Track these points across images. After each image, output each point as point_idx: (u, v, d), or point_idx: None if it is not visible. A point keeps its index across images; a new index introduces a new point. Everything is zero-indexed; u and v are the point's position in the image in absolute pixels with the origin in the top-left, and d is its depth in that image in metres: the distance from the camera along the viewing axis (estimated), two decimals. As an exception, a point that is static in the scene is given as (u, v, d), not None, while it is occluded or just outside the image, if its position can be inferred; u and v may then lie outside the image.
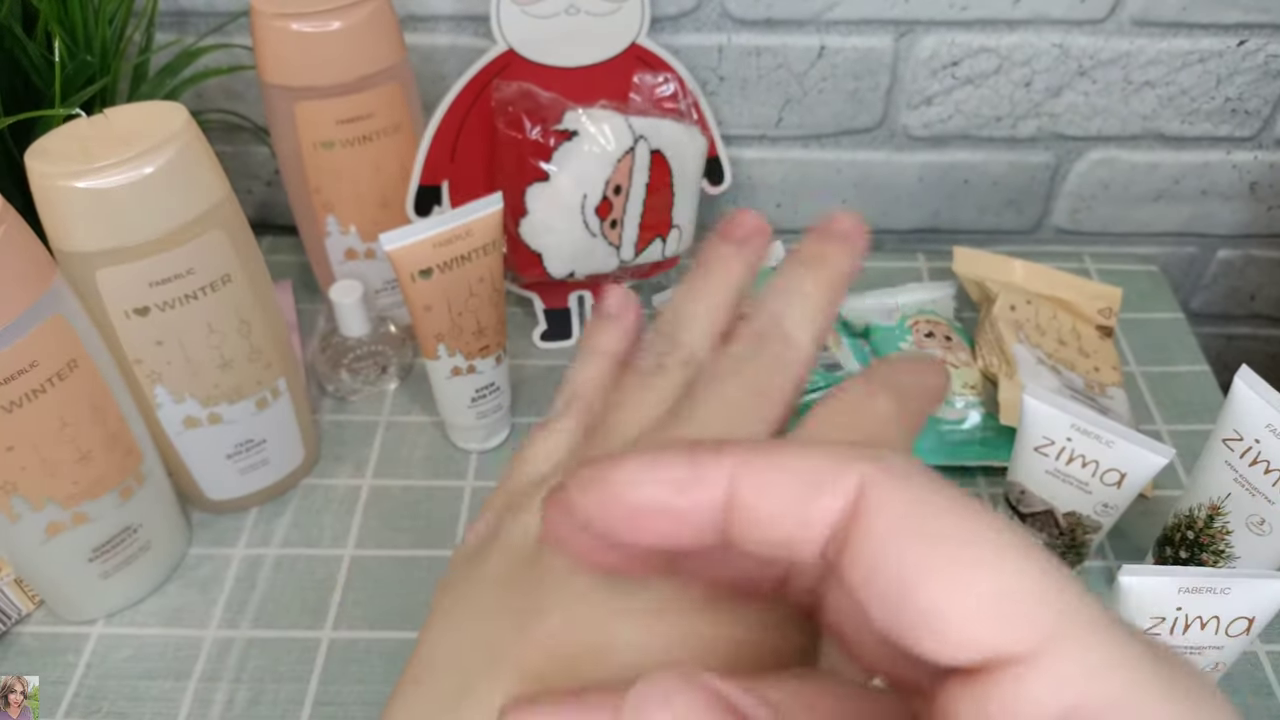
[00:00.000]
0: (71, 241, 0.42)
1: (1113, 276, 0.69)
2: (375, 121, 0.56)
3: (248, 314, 0.48)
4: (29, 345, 0.40)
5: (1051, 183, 0.72)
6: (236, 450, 0.52)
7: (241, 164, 0.73)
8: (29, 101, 0.54)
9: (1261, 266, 0.76)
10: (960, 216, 0.74)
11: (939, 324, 0.61)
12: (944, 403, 0.20)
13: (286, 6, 0.53)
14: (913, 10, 0.63)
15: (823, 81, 0.67)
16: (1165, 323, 0.66)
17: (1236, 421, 0.42)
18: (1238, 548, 0.44)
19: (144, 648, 0.49)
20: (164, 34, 0.65)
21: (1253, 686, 0.46)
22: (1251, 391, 0.42)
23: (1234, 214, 0.73)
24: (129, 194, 0.41)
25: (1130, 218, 0.74)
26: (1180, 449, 0.56)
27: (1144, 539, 0.52)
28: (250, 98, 0.69)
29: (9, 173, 0.52)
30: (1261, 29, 0.64)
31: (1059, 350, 0.59)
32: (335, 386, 0.61)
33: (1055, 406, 0.44)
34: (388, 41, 0.55)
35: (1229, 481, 0.43)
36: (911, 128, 0.69)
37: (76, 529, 0.46)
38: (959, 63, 0.66)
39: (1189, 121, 0.68)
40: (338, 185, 0.58)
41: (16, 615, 0.49)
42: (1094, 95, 0.67)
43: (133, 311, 0.45)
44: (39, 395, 0.42)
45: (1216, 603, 0.35)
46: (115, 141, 0.42)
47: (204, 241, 0.45)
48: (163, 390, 0.48)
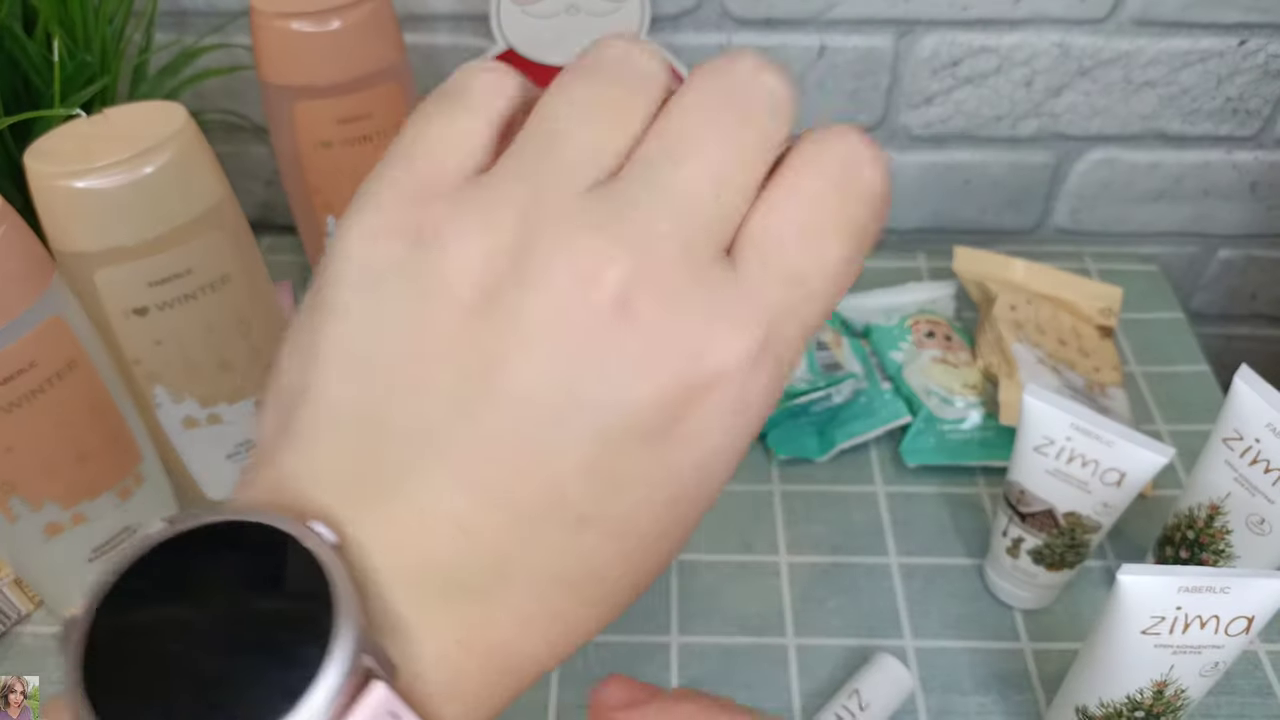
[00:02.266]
0: (70, 241, 0.42)
1: (1113, 276, 0.69)
2: (375, 121, 0.56)
3: (247, 314, 0.48)
4: (28, 345, 0.40)
5: (1052, 182, 0.72)
6: (236, 450, 0.52)
7: (241, 164, 0.73)
8: (29, 101, 0.53)
9: (1262, 266, 0.76)
10: (961, 216, 0.74)
11: (939, 324, 0.61)
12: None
13: (286, 6, 0.52)
14: (913, 10, 0.63)
15: (823, 81, 0.67)
16: (1165, 323, 0.66)
17: (1236, 421, 0.42)
18: (1238, 547, 0.44)
19: (143, 648, 0.49)
20: (164, 34, 0.65)
21: (1253, 686, 0.46)
22: (1251, 391, 0.42)
23: (1234, 214, 0.73)
24: (128, 194, 0.41)
25: (1131, 217, 0.74)
26: (1180, 449, 0.55)
27: (1144, 539, 0.52)
28: (250, 98, 0.69)
29: (8, 173, 0.52)
30: (1262, 29, 0.64)
31: (1059, 350, 0.59)
32: (335, 386, 0.61)
33: (1055, 406, 0.44)
34: (387, 41, 0.55)
35: (1229, 481, 0.43)
36: (912, 127, 0.69)
37: (76, 529, 0.46)
38: (959, 62, 0.66)
39: (1189, 121, 0.68)
40: (337, 185, 0.58)
41: (16, 615, 0.49)
42: (1094, 95, 0.67)
43: (132, 312, 0.45)
44: (38, 395, 0.42)
45: (1216, 602, 0.35)
46: (115, 141, 0.42)
47: (203, 242, 0.45)
48: (162, 390, 0.48)
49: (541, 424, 0.17)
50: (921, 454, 0.56)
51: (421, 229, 0.18)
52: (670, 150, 0.18)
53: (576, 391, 0.17)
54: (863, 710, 0.44)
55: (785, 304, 0.19)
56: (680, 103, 0.19)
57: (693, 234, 0.18)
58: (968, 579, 0.51)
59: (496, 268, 0.18)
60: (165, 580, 0.17)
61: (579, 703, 0.46)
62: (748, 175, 0.19)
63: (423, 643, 0.18)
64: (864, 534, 0.53)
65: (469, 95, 0.20)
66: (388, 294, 0.18)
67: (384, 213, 0.19)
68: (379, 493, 0.18)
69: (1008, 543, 0.48)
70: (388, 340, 0.18)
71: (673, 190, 0.18)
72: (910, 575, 0.51)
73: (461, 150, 0.19)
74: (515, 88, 0.20)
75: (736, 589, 0.51)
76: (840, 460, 0.57)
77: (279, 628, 0.16)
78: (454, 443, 0.18)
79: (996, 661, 0.48)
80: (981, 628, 0.49)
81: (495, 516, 0.18)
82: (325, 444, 0.18)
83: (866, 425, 0.57)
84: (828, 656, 0.48)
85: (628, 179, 0.18)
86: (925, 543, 0.53)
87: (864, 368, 0.59)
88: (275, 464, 0.19)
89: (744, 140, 0.18)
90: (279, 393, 0.20)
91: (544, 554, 0.18)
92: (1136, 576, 0.35)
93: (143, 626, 0.17)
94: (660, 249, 0.17)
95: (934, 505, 0.55)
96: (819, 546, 0.53)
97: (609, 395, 0.17)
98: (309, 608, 0.16)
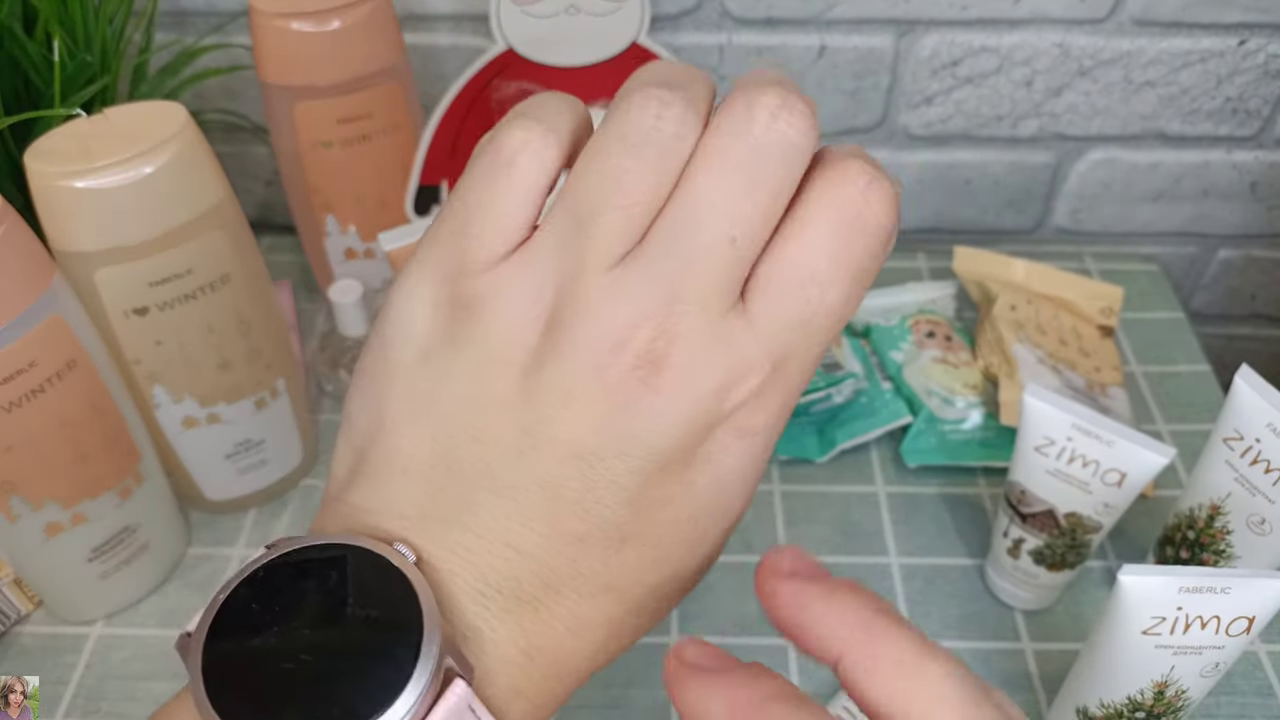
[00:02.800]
0: (71, 241, 0.42)
1: (1113, 276, 0.69)
2: (375, 121, 0.56)
3: (247, 314, 0.48)
4: (28, 345, 0.40)
5: (1052, 182, 0.72)
6: (235, 450, 0.52)
7: (241, 164, 0.73)
8: (29, 101, 0.53)
9: (1262, 266, 0.76)
10: (961, 216, 0.74)
11: (939, 324, 0.61)
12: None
13: (286, 6, 0.52)
14: (913, 10, 0.63)
15: (823, 81, 0.67)
16: (1166, 322, 0.66)
17: (1237, 421, 0.42)
18: (1238, 547, 0.44)
19: (143, 648, 0.49)
20: (164, 34, 0.65)
21: (1253, 686, 0.46)
22: (1252, 391, 0.42)
23: (1234, 214, 0.73)
24: (128, 194, 0.41)
25: (1131, 217, 0.74)
26: (1181, 449, 0.56)
27: (1144, 539, 0.52)
28: (250, 98, 0.69)
29: (8, 173, 0.52)
30: (1262, 29, 0.64)
31: (1060, 350, 0.59)
32: (335, 386, 0.61)
33: (1056, 406, 0.44)
34: (387, 41, 0.55)
35: (1229, 481, 0.43)
36: (912, 127, 0.69)
37: (75, 529, 0.46)
38: (959, 62, 0.66)
39: (1189, 121, 0.68)
40: (337, 185, 0.58)
41: (16, 615, 0.49)
42: (1095, 95, 0.67)
43: (132, 311, 0.45)
44: (38, 395, 0.42)
45: (1217, 602, 0.35)
46: (115, 141, 0.42)
47: (203, 241, 0.45)
48: (161, 390, 0.48)
49: (585, 466, 0.20)
50: (922, 454, 0.56)
51: (472, 303, 0.21)
52: (690, 218, 0.20)
53: (615, 438, 0.20)
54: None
55: (791, 342, 0.21)
56: (702, 165, 0.20)
57: (709, 292, 0.20)
58: (968, 579, 0.51)
59: (539, 337, 0.20)
60: (272, 596, 0.20)
61: (577, 703, 0.46)
62: (762, 226, 0.21)
63: (489, 649, 0.20)
64: (864, 534, 0.53)
65: (513, 173, 0.21)
66: (445, 358, 0.21)
67: (438, 285, 0.22)
68: (445, 524, 0.21)
69: (1008, 543, 0.48)
70: (447, 398, 0.21)
71: (692, 255, 0.20)
72: (911, 576, 0.51)
73: (505, 232, 0.21)
74: (557, 159, 0.22)
75: (736, 589, 0.51)
76: (840, 460, 0.57)
77: (375, 633, 0.19)
78: (510, 483, 0.21)
79: (997, 662, 0.48)
80: (982, 628, 0.49)
81: (545, 539, 0.21)
82: (396, 484, 0.21)
83: (867, 425, 0.57)
84: (828, 657, 0.48)
85: (652, 246, 0.20)
86: (926, 543, 0.53)
87: (864, 368, 0.59)
88: (349, 501, 0.21)
89: (759, 198, 0.20)
90: (350, 439, 0.23)
91: (590, 567, 0.21)
92: (1137, 577, 0.35)
93: (254, 637, 0.19)
94: (681, 311, 0.20)
95: (934, 506, 0.55)
96: (819, 546, 0.53)
97: (643, 439, 0.20)
98: (400, 616, 0.19)
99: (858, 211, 0.21)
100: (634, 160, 0.20)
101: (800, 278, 0.21)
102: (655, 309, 0.20)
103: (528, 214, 0.21)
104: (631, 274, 0.20)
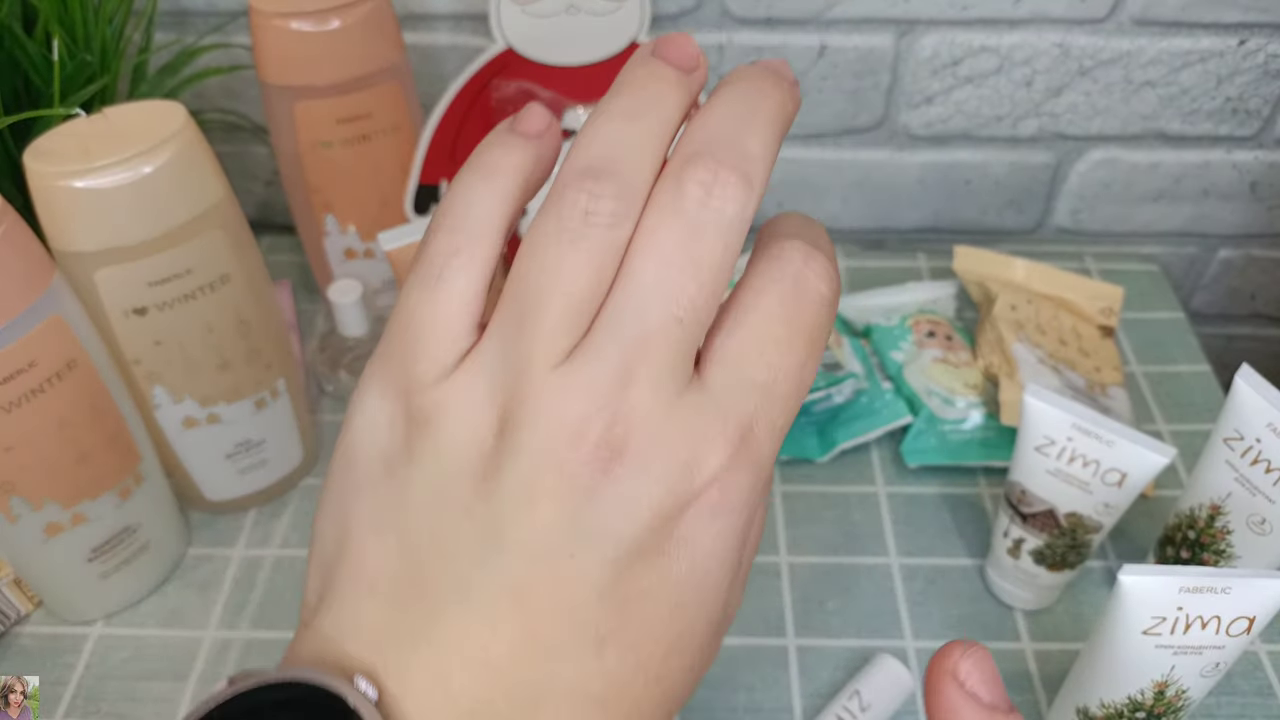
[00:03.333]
0: (70, 241, 0.42)
1: (1114, 276, 0.69)
2: (374, 121, 0.56)
3: (247, 314, 0.48)
4: (28, 345, 0.40)
5: (1052, 182, 0.72)
6: (235, 450, 0.52)
7: (241, 164, 0.73)
8: (28, 101, 0.53)
9: (1262, 266, 0.76)
10: (961, 216, 0.74)
11: (940, 323, 0.61)
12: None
13: (285, 6, 0.52)
14: (913, 9, 0.63)
15: (823, 81, 0.67)
16: (1166, 322, 0.66)
17: (1237, 421, 0.42)
18: (1238, 547, 0.44)
19: (143, 648, 0.49)
20: (163, 33, 0.65)
21: (1254, 687, 0.46)
22: (1252, 391, 0.42)
23: (1234, 214, 0.73)
24: (128, 194, 0.41)
25: (1131, 217, 0.74)
26: (1181, 449, 0.55)
27: (1145, 539, 0.52)
28: (250, 97, 0.69)
29: (8, 172, 0.52)
30: (1262, 29, 0.64)
31: (1060, 350, 0.59)
32: (334, 386, 0.61)
33: (1056, 406, 0.44)
34: (387, 41, 0.55)
35: (1230, 481, 0.43)
36: (912, 127, 0.69)
37: (75, 529, 0.46)
38: (960, 62, 0.66)
39: (1189, 121, 0.68)
40: (337, 185, 0.58)
41: (16, 615, 0.49)
42: (1095, 95, 0.67)
43: (131, 311, 0.45)
44: (38, 395, 0.42)
45: (1217, 602, 0.35)
46: (114, 141, 0.42)
47: (203, 241, 0.44)
48: (161, 390, 0.48)
49: (554, 565, 0.20)
50: (922, 454, 0.56)
51: (426, 417, 0.21)
52: (635, 304, 0.20)
53: (582, 531, 0.19)
54: (864, 711, 0.44)
55: (753, 411, 0.21)
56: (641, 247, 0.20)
57: (660, 372, 0.20)
58: (969, 579, 0.51)
59: (495, 440, 0.20)
60: None
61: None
62: (707, 303, 0.20)
63: None
64: (865, 534, 0.53)
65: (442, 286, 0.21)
66: (406, 471, 0.21)
67: (394, 400, 0.21)
68: (413, 642, 0.20)
69: (1009, 543, 0.48)
70: (411, 510, 0.21)
71: (640, 339, 0.20)
72: (911, 576, 0.51)
73: (446, 342, 0.21)
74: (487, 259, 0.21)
75: (737, 589, 0.50)
76: (841, 460, 0.57)
77: None
78: (477, 591, 0.20)
79: (997, 662, 0.47)
80: (983, 628, 0.49)
81: (517, 650, 0.20)
82: (363, 606, 0.21)
83: (867, 425, 0.57)
84: (828, 657, 0.48)
85: (599, 335, 0.20)
86: (926, 543, 0.53)
87: (864, 368, 0.59)
88: (318, 628, 0.21)
89: (701, 276, 0.20)
90: (318, 558, 0.22)
91: (570, 677, 0.20)
92: (1137, 577, 0.35)
93: None
94: (634, 395, 0.20)
95: (935, 506, 0.55)
96: (820, 547, 0.53)
97: (611, 528, 0.20)
98: None
99: (803, 283, 0.21)
100: (572, 251, 0.20)
101: (759, 341, 0.21)
102: (608, 397, 0.20)
103: (466, 322, 0.21)
104: (581, 365, 0.20)
